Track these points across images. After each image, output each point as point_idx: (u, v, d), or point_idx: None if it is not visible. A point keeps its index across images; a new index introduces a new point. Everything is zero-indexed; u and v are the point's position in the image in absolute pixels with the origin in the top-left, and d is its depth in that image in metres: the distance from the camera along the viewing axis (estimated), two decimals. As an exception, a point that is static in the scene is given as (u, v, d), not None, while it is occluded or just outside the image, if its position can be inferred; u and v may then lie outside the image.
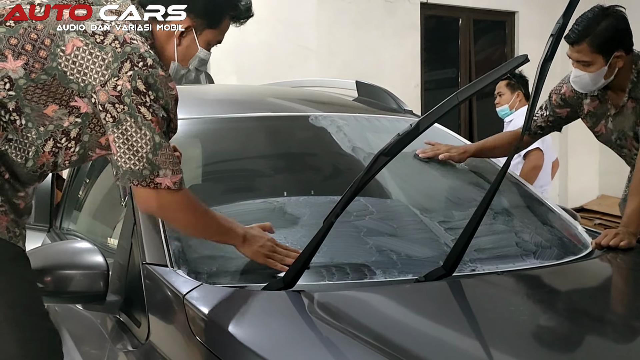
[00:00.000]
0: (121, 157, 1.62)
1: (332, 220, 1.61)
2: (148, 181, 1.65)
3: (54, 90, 1.62)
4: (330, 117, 2.53)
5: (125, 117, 1.60)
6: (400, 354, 1.37)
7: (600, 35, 2.42)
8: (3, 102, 1.60)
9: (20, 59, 1.60)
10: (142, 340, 1.68)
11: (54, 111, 1.64)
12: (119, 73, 1.60)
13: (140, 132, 1.61)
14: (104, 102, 1.61)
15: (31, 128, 1.64)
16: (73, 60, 1.62)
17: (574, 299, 1.90)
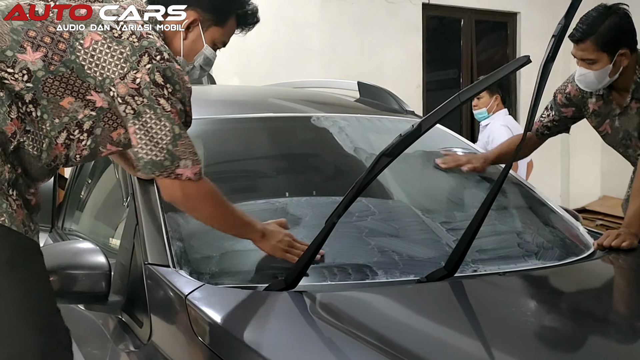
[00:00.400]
0: (142, 149, 1.66)
1: (334, 220, 1.61)
2: (169, 172, 1.69)
3: (71, 83, 1.64)
4: (332, 117, 2.53)
5: (144, 109, 1.64)
6: (402, 355, 1.37)
7: (605, 33, 2.42)
8: (21, 93, 1.61)
9: (39, 51, 1.61)
10: (144, 341, 1.68)
11: (70, 103, 1.65)
12: (137, 66, 1.63)
13: (160, 124, 1.65)
14: (123, 95, 1.63)
15: (46, 120, 1.65)
16: (91, 54, 1.64)
17: (576, 299, 1.90)
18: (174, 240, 1.84)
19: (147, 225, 1.86)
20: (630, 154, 2.69)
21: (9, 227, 1.54)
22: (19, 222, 1.56)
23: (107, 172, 2.53)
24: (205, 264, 1.81)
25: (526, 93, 7.32)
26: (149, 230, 1.85)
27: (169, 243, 1.81)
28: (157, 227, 1.85)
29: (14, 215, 1.55)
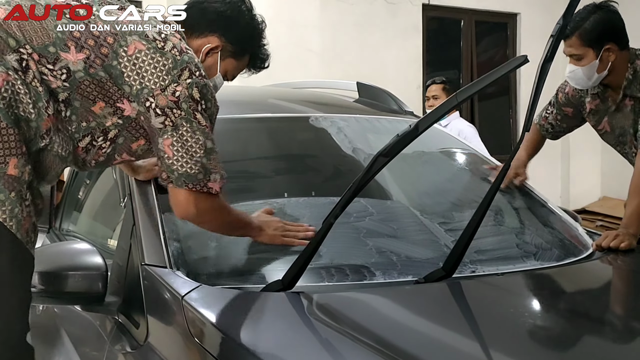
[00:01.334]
0: (178, 161, 1.68)
1: (332, 221, 1.60)
2: (202, 185, 1.71)
3: (107, 89, 1.64)
4: (330, 118, 2.53)
5: (182, 122, 1.66)
6: (400, 356, 1.37)
7: (590, 29, 2.45)
8: (56, 91, 1.60)
9: (82, 53, 1.62)
10: (141, 342, 1.68)
11: (101, 109, 1.66)
12: (178, 79, 1.66)
13: (195, 137, 1.67)
14: (163, 107, 1.65)
15: (74, 121, 1.65)
16: (134, 62, 1.64)
17: (575, 300, 1.89)
18: (171, 241, 1.83)
19: (144, 225, 1.86)
20: (627, 151, 2.70)
21: (15, 234, 1.51)
22: (24, 231, 1.54)
23: (105, 173, 2.52)
24: (202, 265, 1.81)
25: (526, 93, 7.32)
26: (145, 231, 1.84)
27: (166, 244, 1.80)
28: (154, 228, 1.85)
29: (21, 223, 1.53)
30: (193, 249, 1.87)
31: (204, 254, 1.87)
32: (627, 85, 2.56)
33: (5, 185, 1.49)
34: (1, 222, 1.49)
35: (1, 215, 1.49)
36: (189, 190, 1.71)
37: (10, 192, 1.50)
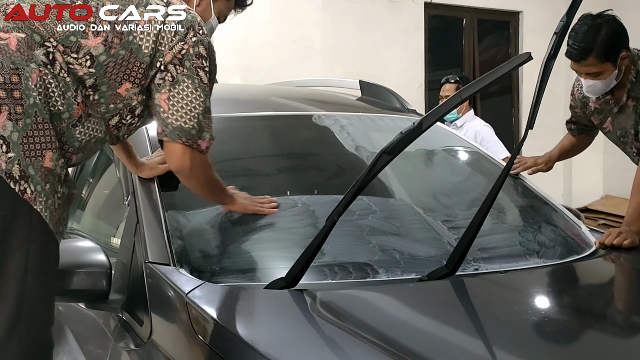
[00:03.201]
0: (173, 115, 1.73)
1: (335, 219, 1.61)
2: (192, 140, 1.76)
3: (130, 67, 1.69)
4: (333, 116, 2.53)
5: (183, 79, 1.73)
6: (404, 353, 1.37)
7: (604, 47, 2.46)
8: (83, 78, 1.64)
9: (100, 36, 1.66)
10: (145, 339, 1.68)
11: (127, 90, 1.71)
12: (185, 38, 1.73)
13: (195, 93, 1.73)
14: (167, 63, 1.72)
15: (102, 103, 1.69)
16: (147, 32, 1.70)
17: (578, 298, 1.89)
18: (175, 239, 1.83)
19: (148, 223, 1.86)
20: (629, 151, 2.72)
21: (48, 223, 1.54)
22: (55, 222, 1.57)
23: (108, 171, 2.53)
24: (206, 263, 1.81)
25: (528, 92, 7.33)
26: (149, 229, 1.85)
27: (170, 241, 1.81)
28: (158, 226, 1.85)
29: (53, 214, 1.56)
30: (196, 247, 1.87)
31: (208, 252, 1.87)
32: (631, 88, 2.58)
33: (41, 177, 1.53)
34: (38, 212, 1.52)
35: (38, 205, 1.52)
36: (184, 145, 1.76)
37: (46, 183, 1.54)
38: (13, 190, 1.48)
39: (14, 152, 1.48)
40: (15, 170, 1.48)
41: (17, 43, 1.56)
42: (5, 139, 1.48)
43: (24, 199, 1.49)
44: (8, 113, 1.49)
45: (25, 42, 1.57)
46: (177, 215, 1.95)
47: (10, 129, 1.49)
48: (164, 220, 1.87)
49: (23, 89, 1.52)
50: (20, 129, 1.50)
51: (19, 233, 1.50)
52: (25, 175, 1.50)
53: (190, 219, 1.97)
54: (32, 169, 1.51)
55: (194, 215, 2.00)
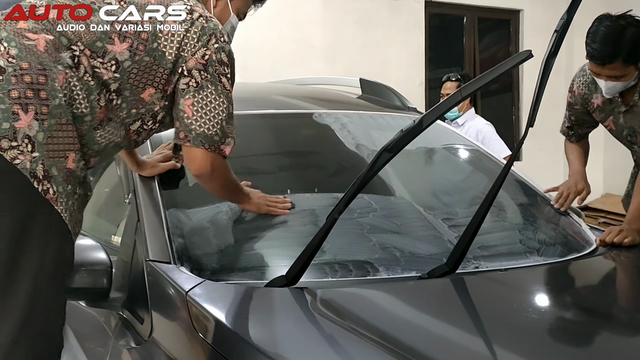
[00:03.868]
0: (197, 121, 1.74)
1: (335, 217, 1.61)
2: (216, 146, 1.77)
3: (153, 73, 1.70)
4: (334, 114, 2.53)
5: (207, 84, 1.74)
6: (404, 351, 1.37)
7: (629, 50, 2.41)
8: (108, 82, 1.65)
9: (126, 42, 1.67)
10: (145, 337, 1.68)
11: (150, 95, 1.72)
12: (207, 44, 1.74)
13: (219, 100, 1.75)
14: (190, 68, 1.73)
15: (124, 108, 1.70)
16: (170, 39, 1.72)
17: (578, 295, 1.89)
18: (175, 237, 1.84)
19: (148, 221, 1.86)
20: (636, 150, 2.70)
21: (67, 224, 1.54)
22: (73, 223, 1.57)
23: (109, 169, 2.53)
24: (206, 261, 1.81)
25: (529, 90, 7.32)
26: (150, 227, 1.85)
27: (170, 239, 1.81)
28: (158, 224, 1.85)
29: (72, 215, 1.56)
30: (197, 245, 1.87)
31: (208, 250, 1.87)
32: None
33: (63, 178, 1.53)
34: (59, 213, 1.52)
35: (58, 206, 1.52)
36: (205, 150, 1.77)
37: (67, 184, 1.55)
38: (36, 190, 1.48)
39: (38, 151, 1.49)
40: (39, 170, 1.49)
41: (45, 44, 1.57)
42: (30, 138, 1.48)
43: (46, 199, 1.50)
44: (34, 113, 1.50)
45: (52, 44, 1.58)
46: (177, 213, 1.95)
47: (36, 128, 1.49)
48: (164, 218, 1.87)
49: (49, 90, 1.53)
50: (45, 129, 1.50)
51: (38, 233, 1.50)
52: (49, 176, 1.50)
53: (190, 217, 1.97)
54: (55, 169, 1.51)
55: (195, 214, 2.00)
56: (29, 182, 1.47)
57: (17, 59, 1.53)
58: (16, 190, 1.48)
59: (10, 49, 1.54)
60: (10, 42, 1.55)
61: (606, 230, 2.25)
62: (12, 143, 1.47)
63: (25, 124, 1.48)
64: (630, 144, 2.71)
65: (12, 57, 1.53)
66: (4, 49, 1.54)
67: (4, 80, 1.49)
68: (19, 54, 1.53)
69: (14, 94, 1.49)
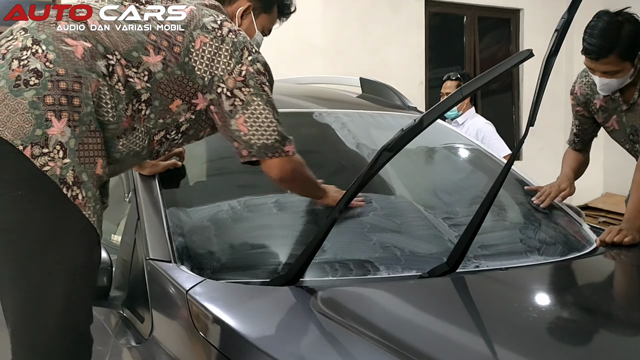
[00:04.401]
0: (254, 135, 1.75)
1: (336, 216, 1.61)
2: (280, 151, 1.79)
3: (183, 85, 1.71)
4: (334, 113, 2.53)
5: (252, 98, 1.74)
6: (404, 350, 1.37)
7: (627, 46, 2.41)
8: (140, 92, 1.65)
9: (160, 54, 1.67)
10: (146, 336, 1.68)
11: (177, 106, 1.72)
12: (241, 60, 1.74)
13: (267, 109, 1.75)
14: (232, 88, 1.72)
15: (152, 119, 1.70)
16: (201, 55, 1.71)
17: (578, 295, 1.89)
18: (175, 236, 1.84)
19: (149, 220, 1.86)
20: (638, 149, 2.70)
21: (96, 228, 1.56)
22: (99, 227, 1.59)
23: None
24: (207, 259, 1.81)
25: (529, 89, 7.32)
26: (150, 226, 1.85)
27: (171, 238, 1.81)
28: (159, 222, 1.85)
29: (99, 219, 1.58)
30: (197, 244, 1.87)
31: (209, 249, 1.87)
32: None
33: (92, 184, 1.54)
34: (87, 218, 1.53)
35: (87, 211, 1.53)
36: (274, 158, 1.79)
37: (96, 190, 1.56)
38: (65, 196, 1.49)
39: (69, 158, 1.49)
40: (69, 176, 1.49)
41: (82, 52, 1.58)
42: (62, 145, 1.49)
43: (75, 205, 1.51)
44: (67, 119, 1.50)
45: (90, 51, 1.59)
46: (178, 212, 1.95)
47: (69, 135, 1.50)
48: (164, 217, 1.87)
49: (82, 98, 1.53)
50: (77, 135, 1.51)
51: (69, 237, 1.52)
52: (79, 182, 1.51)
53: (191, 216, 1.97)
54: (85, 175, 1.52)
55: (195, 212, 2.00)
56: (58, 187, 1.48)
57: (55, 64, 1.53)
58: (46, 196, 1.49)
59: (49, 52, 1.54)
60: (48, 45, 1.56)
61: (606, 230, 2.25)
62: (43, 150, 1.47)
63: (58, 131, 1.49)
64: (632, 143, 2.71)
65: (49, 61, 1.53)
66: (41, 52, 1.54)
67: (40, 85, 1.50)
68: (56, 59, 1.54)
69: (49, 100, 1.49)
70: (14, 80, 1.50)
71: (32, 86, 1.49)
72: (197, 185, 2.26)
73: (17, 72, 1.51)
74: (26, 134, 1.46)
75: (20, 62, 1.52)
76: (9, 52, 1.55)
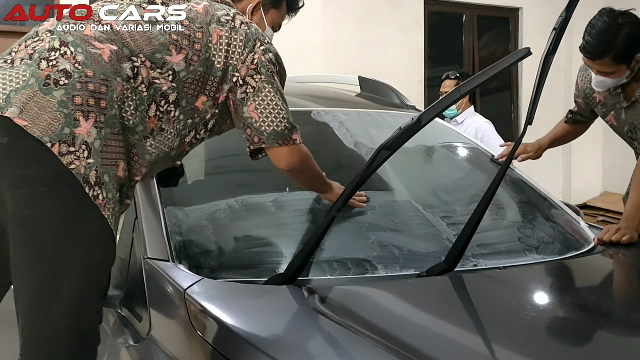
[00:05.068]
0: (264, 122, 1.78)
1: (334, 214, 1.61)
2: (288, 139, 1.81)
3: (205, 81, 1.73)
4: (332, 112, 2.52)
5: (263, 85, 1.77)
6: (402, 349, 1.37)
7: (622, 50, 2.41)
8: (167, 92, 1.67)
9: (182, 53, 1.69)
10: (144, 335, 1.68)
11: (203, 103, 1.74)
12: (254, 49, 1.77)
13: (277, 96, 1.79)
14: (244, 76, 1.76)
15: (182, 120, 1.72)
16: (219, 48, 1.74)
17: (576, 293, 1.89)
18: (173, 235, 1.83)
19: (147, 219, 1.86)
20: (636, 146, 2.70)
21: (112, 230, 1.56)
22: (115, 229, 1.59)
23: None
24: (205, 258, 1.81)
25: (527, 88, 7.32)
26: (148, 224, 1.84)
27: (168, 237, 1.81)
28: (157, 221, 1.85)
29: (117, 221, 1.59)
30: (195, 243, 1.87)
31: (206, 248, 1.87)
32: None
33: (114, 186, 1.56)
34: (105, 219, 1.54)
35: (106, 212, 1.54)
36: (283, 146, 1.80)
37: (117, 192, 1.57)
38: (87, 195, 1.50)
39: (93, 158, 1.51)
40: (92, 176, 1.51)
41: (109, 54, 1.60)
42: (88, 144, 1.50)
43: (95, 204, 1.52)
44: (94, 120, 1.52)
45: (116, 54, 1.61)
46: (175, 211, 1.95)
47: (94, 136, 1.52)
48: (162, 216, 1.87)
49: (108, 100, 1.55)
50: (102, 137, 1.53)
51: (86, 236, 1.53)
52: (100, 182, 1.52)
53: (189, 215, 1.97)
54: (107, 176, 1.54)
55: (193, 211, 2.00)
56: (81, 186, 1.50)
57: (83, 66, 1.55)
58: (69, 193, 1.50)
59: (77, 54, 1.56)
60: (77, 47, 1.58)
61: (604, 228, 2.25)
62: (70, 148, 1.48)
63: (85, 131, 1.50)
64: (631, 140, 2.72)
65: (78, 63, 1.55)
66: (70, 54, 1.56)
67: (69, 85, 1.51)
68: (85, 61, 1.56)
69: (78, 100, 1.51)
70: (43, 79, 1.51)
71: (61, 86, 1.51)
72: (195, 184, 2.26)
73: (46, 72, 1.52)
74: (54, 131, 1.48)
75: (49, 63, 1.54)
76: (36, 52, 1.57)
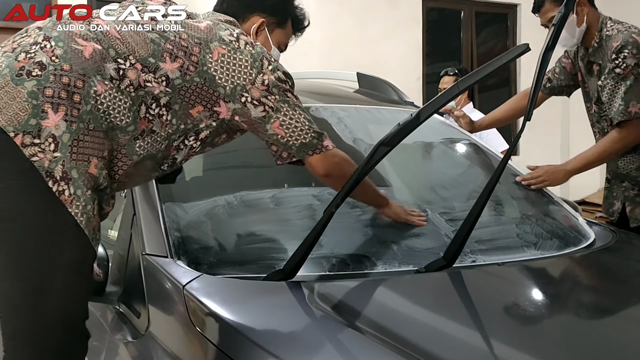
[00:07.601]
0: (291, 137, 1.77)
1: (333, 210, 1.61)
2: (320, 147, 1.80)
3: (204, 92, 1.70)
4: (331, 108, 2.52)
5: (280, 105, 1.76)
6: (400, 345, 1.37)
7: None
8: (158, 96, 1.65)
9: (177, 62, 1.67)
10: (142, 331, 1.68)
11: (198, 112, 1.72)
12: (262, 69, 1.74)
13: (296, 112, 1.78)
14: (257, 98, 1.73)
15: (174, 124, 1.70)
16: (220, 65, 1.71)
17: (575, 289, 1.90)
18: (172, 231, 1.83)
19: (145, 215, 1.86)
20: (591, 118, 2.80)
21: (83, 229, 1.53)
22: (91, 228, 1.56)
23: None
24: (203, 254, 1.81)
25: (526, 84, 7.32)
26: (146, 221, 1.84)
27: (167, 233, 1.81)
28: (155, 218, 1.85)
29: (90, 220, 1.55)
30: (194, 239, 1.87)
31: (205, 244, 1.87)
32: (592, 52, 2.67)
33: (84, 182, 1.52)
34: (72, 216, 1.51)
35: (74, 209, 1.51)
36: (314, 155, 1.80)
37: (88, 189, 1.53)
38: (50, 189, 1.48)
39: (60, 152, 1.48)
40: (57, 170, 1.48)
41: (92, 52, 1.58)
42: (55, 138, 1.48)
43: (60, 200, 1.49)
44: (64, 114, 1.50)
45: (99, 53, 1.59)
46: (174, 207, 1.95)
47: (63, 129, 1.49)
48: (161, 212, 1.87)
49: (84, 95, 1.53)
50: (72, 131, 1.50)
51: (58, 232, 1.50)
52: (67, 177, 1.49)
53: (187, 211, 1.97)
54: (75, 172, 1.51)
55: (191, 207, 2.00)
56: (43, 181, 1.47)
57: (61, 59, 1.54)
58: (32, 188, 1.48)
59: (57, 49, 1.55)
60: (58, 42, 1.56)
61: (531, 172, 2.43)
62: (34, 140, 1.46)
63: (53, 124, 1.48)
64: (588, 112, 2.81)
65: (56, 56, 1.54)
66: (49, 47, 1.55)
67: (42, 77, 1.50)
68: (63, 55, 1.54)
69: (48, 92, 1.49)
70: (17, 70, 1.50)
71: (34, 77, 1.50)
72: (193, 180, 2.26)
73: (22, 63, 1.51)
74: (20, 122, 1.46)
75: (27, 55, 1.53)
76: (19, 47, 1.56)
